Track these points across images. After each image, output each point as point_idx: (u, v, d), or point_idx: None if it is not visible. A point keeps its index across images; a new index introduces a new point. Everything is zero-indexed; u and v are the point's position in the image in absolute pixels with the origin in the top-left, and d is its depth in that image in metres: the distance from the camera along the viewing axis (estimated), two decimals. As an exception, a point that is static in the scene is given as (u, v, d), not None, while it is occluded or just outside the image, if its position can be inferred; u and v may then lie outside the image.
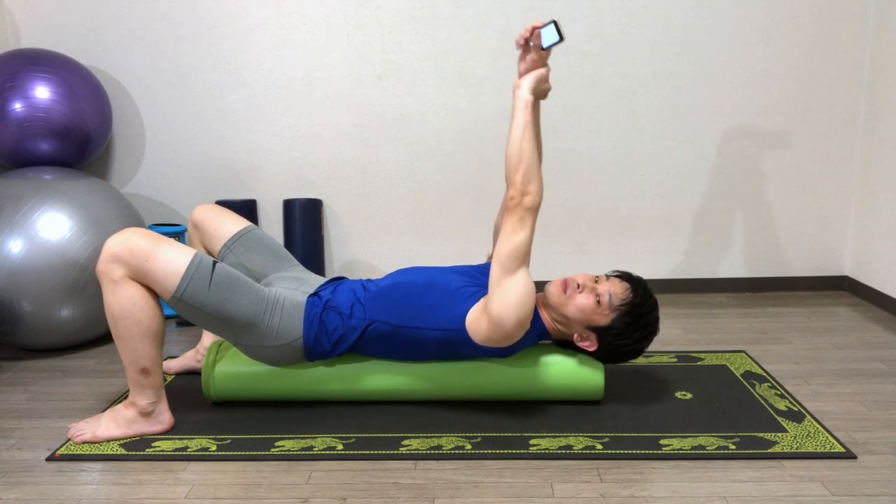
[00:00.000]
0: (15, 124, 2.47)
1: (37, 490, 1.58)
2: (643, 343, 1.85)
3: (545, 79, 1.75)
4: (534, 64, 1.75)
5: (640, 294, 1.81)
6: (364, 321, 1.84)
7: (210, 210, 2.09)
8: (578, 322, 1.81)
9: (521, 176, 1.69)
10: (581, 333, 1.83)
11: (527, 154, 1.70)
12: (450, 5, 2.85)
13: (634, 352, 1.86)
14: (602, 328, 1.80)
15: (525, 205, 1.70)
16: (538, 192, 1.71)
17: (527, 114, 1.72)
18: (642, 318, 1.81)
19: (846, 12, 2.83)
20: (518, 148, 1.70)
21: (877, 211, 2.83)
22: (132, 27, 2.90)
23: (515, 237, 1.70)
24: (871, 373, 2.16)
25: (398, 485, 1.58)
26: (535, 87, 1.74)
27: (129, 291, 1.68)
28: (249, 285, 1.79)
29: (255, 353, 1.85)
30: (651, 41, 2.87)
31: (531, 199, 1.70)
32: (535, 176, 1.71)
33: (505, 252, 1.70)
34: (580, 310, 1.79)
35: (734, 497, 1.51)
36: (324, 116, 2.96)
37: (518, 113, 1.72)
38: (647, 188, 2.99)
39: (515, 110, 1.73)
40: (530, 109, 1.73)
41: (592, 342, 1.83)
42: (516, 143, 1.71)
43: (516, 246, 1.70)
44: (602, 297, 1.78)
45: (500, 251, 1.71)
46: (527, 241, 1.71)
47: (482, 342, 1.78)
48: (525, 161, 1.70)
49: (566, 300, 1.80)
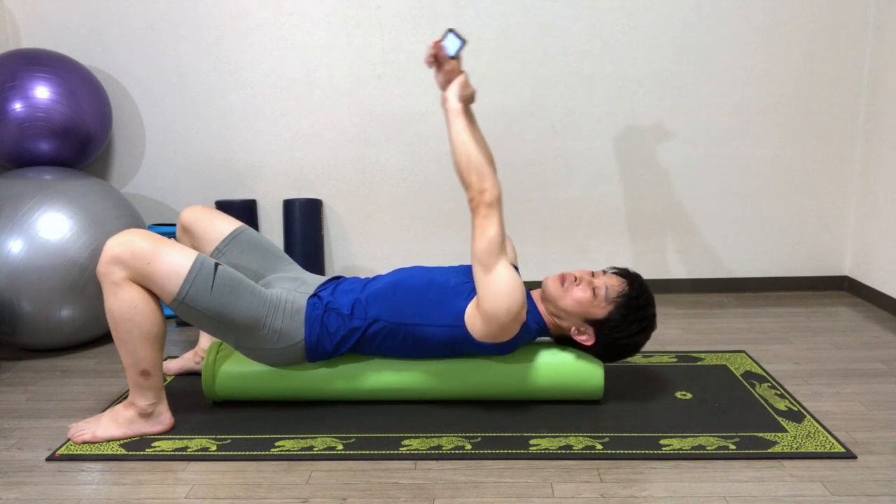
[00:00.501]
0: (15, 124, 2.47)
1: (37, 490, 1.59)
2: (640, 337, 1.85)
3: (466, 83, 1.83)
4: (450, 74, 1.83)
5: (637, 287, 1.83)
6: (365, 321, 1.84)
7: (199, 212, 2.05)
8: (576, 315, 1.82)
9: (474, 176, 1.75)
10: (578, 327, 1.83)
11: (473, 155, 1.76)
12: (450, 5, 2.85)
13: (632, 346, 1.86)
14: (599, 321, 1.81)
15: (485, 201, 1.75)
16: (494, 185, 1.76)
17: (461, 119, 1.80)
18: (639, 310, 1.82)
19: (846, 12, 2.83)
20: (464, 152, 1.77)
21: (877, 211, 2.83)
22: (132, 27, 2.90)
23: (486, 234, 1.74)
24: (871, 373, 2.16)
25: (398, 485, 1.58)
26: (460, 95, 1.81)
27: (130, 294, 1.68)
28: (251, 288, 1.78)
29: (256, 354, 1.84)
30: (651, 41, 2.87)
31: (490, 195, 1.75)
32: (487, 172, 1.76)
33: (481, 250, 1.74)
34: (577, 302, 1.80)
35: (734, 497, 1.51)
36: (324, 116, 2.96)
37: (452, 122, 1.80)
38: (647, 188, 2.99)
39: (450, 122, 1.80)
40: (463, 115, 1.80)
41: (590, 336, 1.83)
42: (460, 148, 1.77)
43: (489, 241, 1.74)
44: (599, 290, 1.80)
45: (475, 251, 1.76)
46: (498, 235, 1.75)
47: (482, 338, 1.78)
48: (473, 161, 1.76)
49: (563, 293, 1.82)
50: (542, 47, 2.87)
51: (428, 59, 1.81)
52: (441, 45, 1.79)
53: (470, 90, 1.83)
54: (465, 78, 1.82)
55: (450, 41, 1.78)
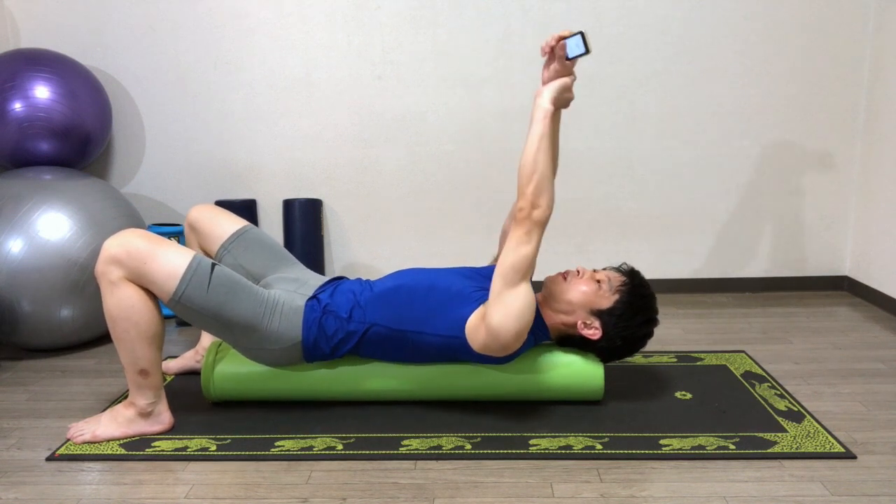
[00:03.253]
0: (15, 124, 2.47)
1: (36, 490, 1.58)
2: (646, 328, 1.85)
3: (568, 88, 1.72)
4: (557, 73, 1.72)
5: (638, 278, 1.86)
6: (363, 325, 1.83)
7: (206, 210, 2.07)
8: (582, 306, 1.82)
9: (532, 187, 1.66)
10: (585, 320, 1.83)
11: (541, 166, 1.66)
12: (450, 5, 2.85)
13: (638, 338, 1.86)
14: (606, 311, 1.81)
15: (534, 218, 1.67)
16: (549, 205, 1.68)
17: (545, 124, 1.68)
18: (643, 299, 1.83)
19: (846, 12, 2.82)
20: (532, 159, 1.67)
21: (877, 211, 2.83)
22: (132, 27, 2.90)
23: (521, 250, 1.69)
24: (871, 373, 2.16)
25: (398, 485, 1.58)
26: (556, 97, 1.71)
27: (128, 293, 1.68)
28: (248, 288, 1.78)
29: (253, 354, 1.84)
30: (651, 41, 2.87)
31: (540, 213, 1.67)
32: (547, 189, 1.68)
33: (509, 263, 1.69)
34: (583, 293, 1.81)
35: (734, 497, 1.51)
36: (324, 116, 2.96)
37: (536, 122, 1.69)
38: (647, 188, 2.99)
39: (534, 120, 1.69)
40: (549, 119, 1.69)
41: (597, 329, 1.83)
42: (531, 153, 1.67)
43: (521, 258, 1.69)
44: (602, 282, 1.82)
45: (503, 262, 1.70)
46: (532, 255, 1.69)
47: (479, 350, 1.77)
48: (539, 172, 1.66)
49: (568, 286, 1.83)
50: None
51: (545, 47, 1.69)
52: (564, 42, 1.67)
53: (569, 95, 1.73)
54: (569, 82, 1.71)
55: (574, 43, 1.66)
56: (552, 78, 1.73)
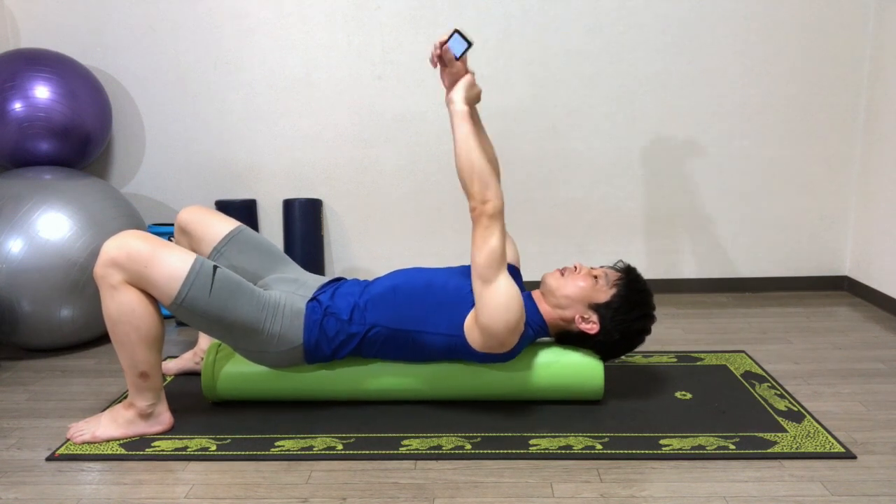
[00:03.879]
0: (15, 124, 2.47)
1: (36, 490, 1.58)
2: (643, 322, 1.86)
3: (472, 84, 1.78)
4: (455, 76, 1.77)
5: (634, 273, 1.89)
6: (364, 326, 1.83)
7: (197, 212, 2.03)
8: (580, 300, 1.83)
9: (476, 185, 1.70)
10: (583, 314, 1.84)
11: (477, 163, 1.70)
12: (450, 5, 2.85)
13: (636, 332, 1.86)
14: (603, 305, 1.82)
15: (487, 212, 1.70)
16: (497, 196, 1.71)
17: (466, 124, 1.74)
18: (640, 293, 1.85)
19: (846, 12, 2.82)
20: (467, 159, 1.71)
21: (877, 211, 2.83)
22: (132, 27, 2.90)
23: (486, 245, 1.70)
24: (871, 373, 2.16)
25: (398, 485, 1.58)
26: (466, 96, 1.76)
27: (128, 297, 1.67)
28: (250, 291, 1.77)
29: (254, 357, 1.84)
30: (651, 41, 2.87)
31: (492, 206, 1.70)
32: (491, 181, 1.71)
33: (481, 262, 1.70)
34: (580, 288, 1.83)
35: (734, 497, 1.51)
36: (324, 116, 2.96)
37: (458, 125, 1.74)
38: (647, 188, 2.99)
39: (455, 125, 1.75)
40: (468, 118, 1.75)
41: (594, 323, 1.83)
42: (464, 154, 1.71)
43: (489, 254, 1.70)
44: (599, 277, 1.85)
45: (476, 264, 1.72)
46: (499, 247, 1.71)
47: (480, 349, 1.78)
48: (477, 169, 1.70)
49: (565, 282, 1.85)
50: (542, 47, 2.87)
51: (432, 58, 1.77)
52: (446, 46, 1.73)
53: (476, 90, 1.78)
54: (471, 78, 1.77)
55: (455, 42, 1.72)
56: (453, 82, 1.78)
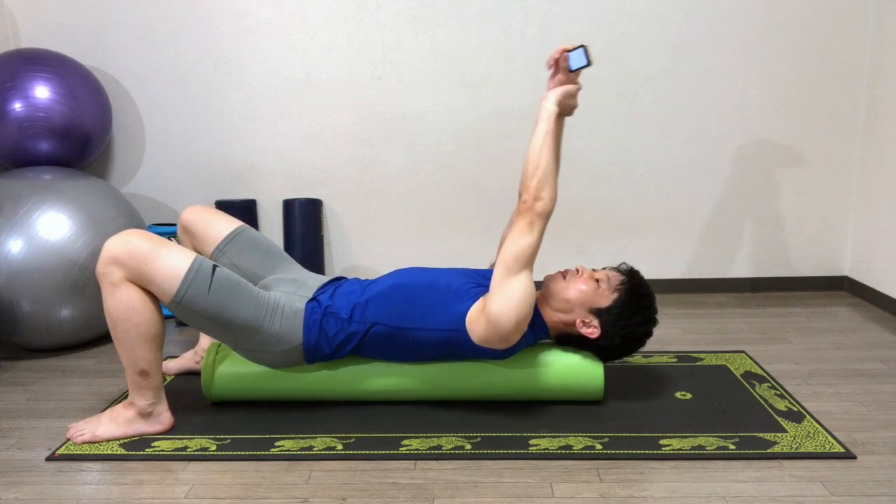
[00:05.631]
0: (15, 124, 2.47)
1: (36, 490, 1.59)
2: (645, 327, 1.86)
3: (573, 95, 1.78)
4: (562, 83, 1.78)
5: (637, 277, 1.88)
6: (364, 325, 1.84)
7: (200, 212, 2.04)
8: (581, 305, 1.83)
9: (536, 180, 1.71)
10: (584, 318, 1.84)
11: (544, 161, 1.72)
12: (450, 5, 2.85)
13: (637, 337, 1.86)
14: (604, 309, 1.82)
15: (536, 209, 1.71)
16: (551, 198, 1.73)
17: (550, 122, 1.74)
18: (643, 298, 1.85)
19: (846, 12, 2.82)
20: (537, 154, 1.73)
21: (877, 211, 2.83)
22: (132, 27, 2.90)
23: (522, 240, 1.72)
24: (871, 373, 2.16)
25: (398, 485, 1.58)
26: (561, 101, 1.76)
27: (128, 295, 1.68)
28: (249, 290, 1.78)
29: (254, 356, 1.84)
30: (651, 41, 2.87)
31: (543, 205, 1.72)
32: (550, 183, 1.73)
33: (510, 253, 1.72)
34: (582, 292, 1.83)
35: (734, 497, 1.51)
36: (324, 116, 2.96)
37: (541, 122, 1.75)
38: (647, 188, 2.99)
39: (539, 119, 1.76)
40: (553, 120, 1.75)
41: (595, 328, 1.83)
42: (536, 149, 1.73)
43: (522, 248, 1.72)
44: (601, 281, 1.84)
45: (505, 252, 1.73)
46: (533, 245, 1.72)
47: (480, 342, 1.78)
48: (542, 167, 1.72)
49: (567, 285, 1.85)
50: (542, 47, 2.87)
51: (549, 61, 1.77)
52: (567, 55, 1.74)
53: (573, 102, 1.79)
54: (574, 89, 1.77)
55: (576, 56, 1.72)
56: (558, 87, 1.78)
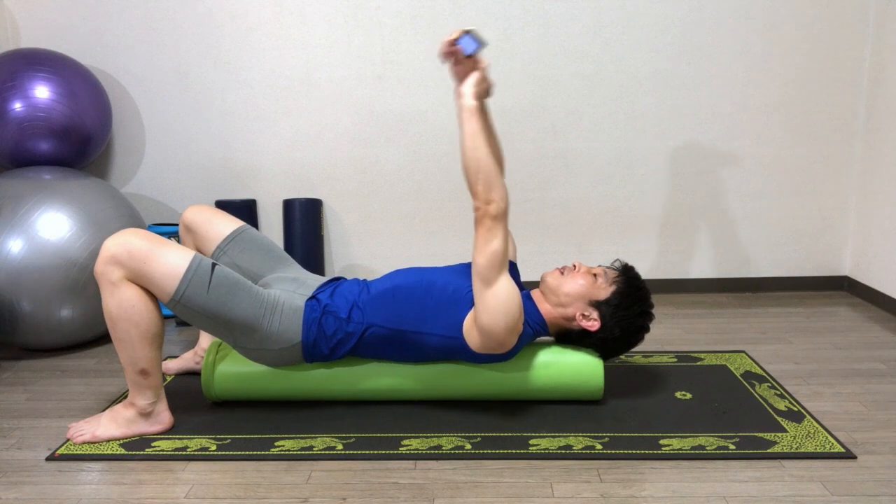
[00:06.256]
0: (15, 124, 2.47)
1: (36, 490, 1.59)
2: (643, 319, 1.86)
3: (483, 79, 1.71)
4: (465, 71, 1.72)
5: (633, 271, 1.90)
6: (362, 326, 1.84)
7: (202, 211, 2.05)
8: (580, 298, 1.84)
9: (481, 185, 1.66)
10: (583, 311, 1.85)
11: (483, 162, 1.66)
12: (450, 5, 2.85)
13: (635, 329, 1.87)
14: (603, 301, 1.84)
15: (491, 213, 1.67)
16: (502, 198, 1.68)
17: (474, 121, 1.68)
18: (639, 290, 1.87)
19: (846, 12, 2.82)
20: (473, 158, 1.66)
21: (877, 211, 2.83)
22: (132, 27, 2.90)
23: (488, 247, 1.68)
24: (871, 373, 2.16)
25: (398, 485, 1.58)
26: (476, 91, 1.70)
27: (128, 294, 1.68)
28: (248, 288, 1.78)
29: (253, 355, 1.84)
30: (651, 41, 2.87)
31: (496, 207, 1.67)
32: (496, 182, 1.68)
33: (482, 263, 1.69)
34: (580, 285, 1.85)
35: (734, 497, 1.51)
36: (324, 116, 2.96)
37: (465, 122, 1.68)
38: (647, 188, 2.99)
39: (462, 120, 1.69)
40: (477, 115, 1.69)
41: (595, 320, 1.84)
42: (470, 153, 1.67)
43: (491, 255, 1.68)
44: (598, 275, 1.87)
45: (476, 263, 1.70)
46: (501, 249, 1.69)
47: (478, 350, 1.78)
48: (483, 170, 1.66)
49: (564, 280, 1.87)
50: (542, 47, 2.87)
51: (440, 57, 1.72)
52: (458, 45, 1.67)
53: (485, 84, 1.72)
54: (481, 74, 1.70)
55: (466, 42, 1.66)
56: (462, 77, 1.73)
